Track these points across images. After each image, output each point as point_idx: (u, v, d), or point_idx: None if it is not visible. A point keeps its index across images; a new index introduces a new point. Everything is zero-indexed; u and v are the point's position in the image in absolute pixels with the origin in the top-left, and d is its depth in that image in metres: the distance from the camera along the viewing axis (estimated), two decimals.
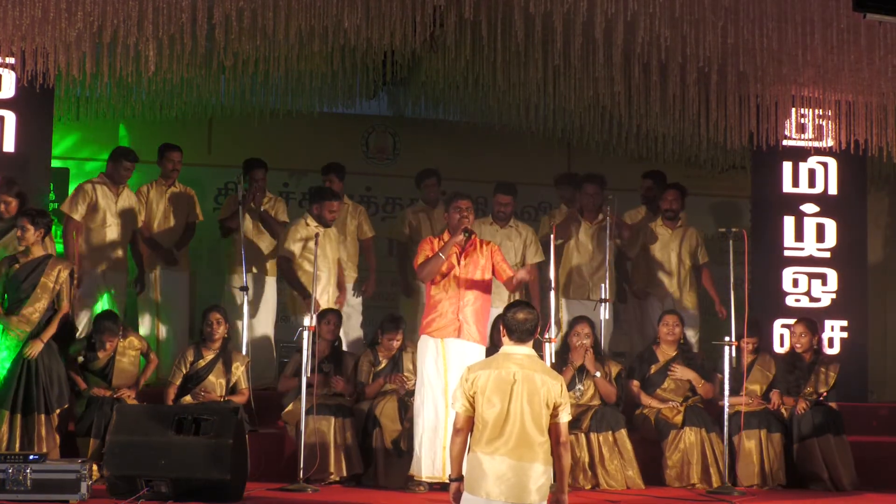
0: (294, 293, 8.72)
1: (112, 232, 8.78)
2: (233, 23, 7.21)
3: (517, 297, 8.49)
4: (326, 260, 8.69)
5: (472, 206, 7.51)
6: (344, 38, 7.89)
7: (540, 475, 5.27)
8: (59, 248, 8.61)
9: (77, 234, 8.60)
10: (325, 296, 8.68)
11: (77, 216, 8.64)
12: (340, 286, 8.97)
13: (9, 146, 8.58)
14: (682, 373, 8.20)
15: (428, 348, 7.30)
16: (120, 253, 8.82)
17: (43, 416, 7.29)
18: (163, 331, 9.04)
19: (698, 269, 9.38)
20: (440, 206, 9.17)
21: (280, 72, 8.81)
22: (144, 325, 9.05)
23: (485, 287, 7.40)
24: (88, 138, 10.70)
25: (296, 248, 8.67)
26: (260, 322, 9.06)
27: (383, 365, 8.04)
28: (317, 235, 8.16)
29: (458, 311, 7.27)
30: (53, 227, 7.89)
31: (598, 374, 7.99)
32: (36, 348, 7.34)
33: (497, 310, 8.54)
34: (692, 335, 9.09)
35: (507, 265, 7.52)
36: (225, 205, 9.44)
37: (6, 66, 8.36)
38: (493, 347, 8.01)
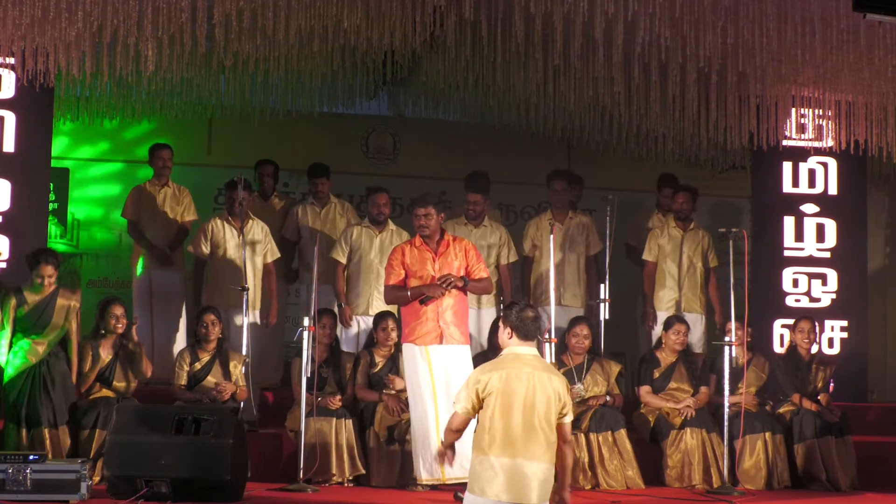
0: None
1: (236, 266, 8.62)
2: (233, 23, 7.21)
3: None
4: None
5: (434, 211, 7.33)
6: (344, 38, 7.89)
7: (547, 474, 5.32)
8: None
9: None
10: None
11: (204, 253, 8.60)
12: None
13: (9, 146, 8.57)
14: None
15: (413, 356, 7.26)
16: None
17: (46, 430, 7.30)
18: (157, 332, 9.01)
19: (707, 272, 9.27)
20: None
21: (280, 72, 8.80)
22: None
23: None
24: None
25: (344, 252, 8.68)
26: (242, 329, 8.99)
27: (380, 367, 8.03)
28: (318, 235, 8.19)
29: (439, 316, 7.24)
30: None
31: (608, 398, 8.03)
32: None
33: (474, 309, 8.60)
34: (698, 339, 9.05)
35: (482, 265, 7.45)
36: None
37: (6, 66, 8.35)
38: (491, 350, 8.02)
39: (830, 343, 9.74)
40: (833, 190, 9.94)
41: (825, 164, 9.91)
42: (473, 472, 5.36)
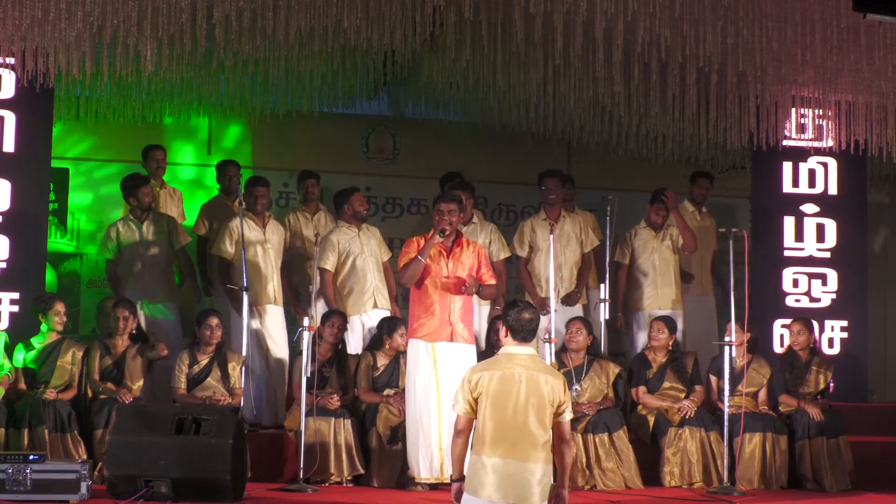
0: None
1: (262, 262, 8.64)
2: (233, 23, 7.21)
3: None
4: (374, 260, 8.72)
5: (457, 208, 7.44)
6: (344, 38, 7.89)
7: (543, 476, 5.28)
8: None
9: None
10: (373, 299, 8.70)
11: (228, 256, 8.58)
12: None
13: (9, 146, 8.56)
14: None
15: (419, 352, 7.26)
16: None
17: (46, 432, 7.32)
18: (158, 332, 8.98)
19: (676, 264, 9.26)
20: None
21: (280, 72, 8.80)
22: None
23: None
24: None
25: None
26: (276, 324, 8.99)
27: (381, 370, 8.02)
28: (317, 235, 8.22)
29: (449, 313, 7.26)
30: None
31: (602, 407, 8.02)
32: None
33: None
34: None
35: (491, 272, 7.54)
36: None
37: (6, 66, 8.34)
38: (489, 348, 8.02)
39: (830, 343, 9.73)
40: (833, 190, 9.94)
41: (825, 164, 9.91)
42: (469, 471, 5.37)
